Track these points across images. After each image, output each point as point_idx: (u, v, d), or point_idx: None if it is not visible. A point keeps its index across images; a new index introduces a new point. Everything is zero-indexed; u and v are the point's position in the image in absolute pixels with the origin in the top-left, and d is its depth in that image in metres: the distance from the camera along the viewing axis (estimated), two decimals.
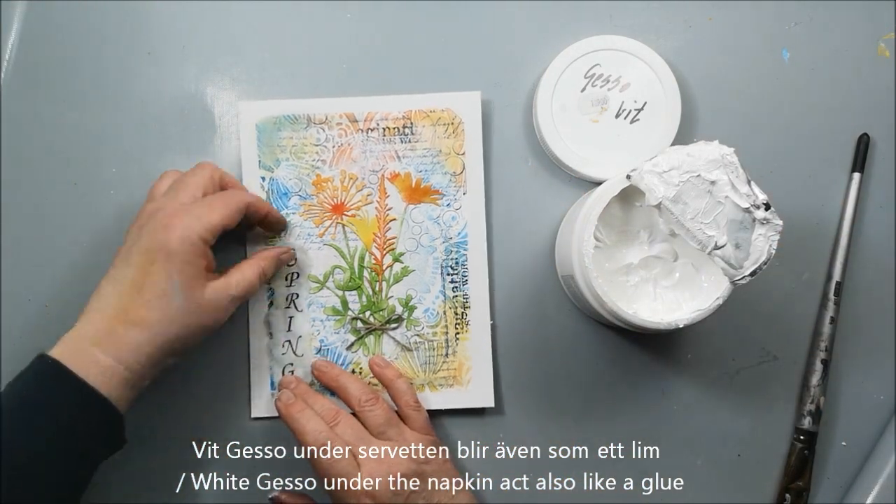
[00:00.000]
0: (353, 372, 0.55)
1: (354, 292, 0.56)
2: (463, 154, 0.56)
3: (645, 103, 0.56)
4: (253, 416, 0.55)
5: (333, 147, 0.56)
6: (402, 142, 0.56)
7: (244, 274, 0.49)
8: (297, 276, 0.55)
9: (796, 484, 0.56)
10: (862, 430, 0.57)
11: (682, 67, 0.57)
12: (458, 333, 0.55)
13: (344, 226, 0.56)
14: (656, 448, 0.57)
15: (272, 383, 0.55)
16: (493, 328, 0.56)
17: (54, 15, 0.56)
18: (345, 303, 0.56)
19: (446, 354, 0.55)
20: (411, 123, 0.56)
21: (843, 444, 0.57)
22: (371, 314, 0.56)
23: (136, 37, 0.56)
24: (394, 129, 0.56)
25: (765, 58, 0.58)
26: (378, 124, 0.56)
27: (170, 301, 0.44)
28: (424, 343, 0.56)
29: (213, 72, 0.57)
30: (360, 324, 0.55)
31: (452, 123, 0.56)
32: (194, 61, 0.56)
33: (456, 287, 0.56)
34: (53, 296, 0.55)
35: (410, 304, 0.56)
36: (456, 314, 0.56)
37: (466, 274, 0.56)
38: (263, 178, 0.55)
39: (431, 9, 0.57)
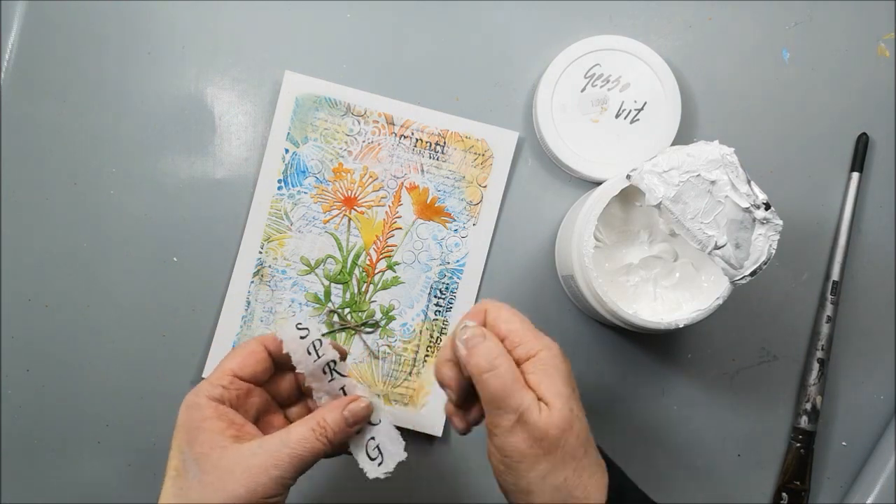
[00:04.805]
0: None
1: (340, 287, 0.56)
2: (485, 187, 0.56)
3: (645, 103, 0.56)
4: (204, 376, 0.55)
5: (364, 142, 0.56)
6: (430, 157, 0.56)
7: (290, 431, 0.39)
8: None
9: (794, 483, 0.56)
10: (862, 430, 0.57)
11: (682, 67, 0.57)
12: (427, 356, 0.56)
13: (350, 219, 0.56)
14: (656, 448, 0.57)
15: None
16: None
17: (54, 15, 0.56)
18: (328, 294, 0.56)
19: (410, 373, 0.56)
20: (444, 142, 0.56)
21: (843, 444, 0.57)
22: (350, 312, 0.56)
23: (136, 37, 0.56)
24: (426, 142, 0.56)
25: (765, 58, 0.58)
26: (413, 133, 0.56)
27: (185, 478, 0.38)
28: (393, 356, 0.56)
29: (213, 72, 0.57)
30: (336, 318, 0.56)
31: (483, 154, 0.56)
32: (194, 61, 0.56)
33: (439, 311, 0.56)
34: (53, 296, 0.55)
35: (390, 314, 0.56)
36: (431, 337, 0.56)
37: (453, 301, 0.56)
38: (287, 151, 0.56)
39: (431, 9, 0.57)
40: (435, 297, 0.56)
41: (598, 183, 0.55)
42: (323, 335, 0.55)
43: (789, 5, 0.58)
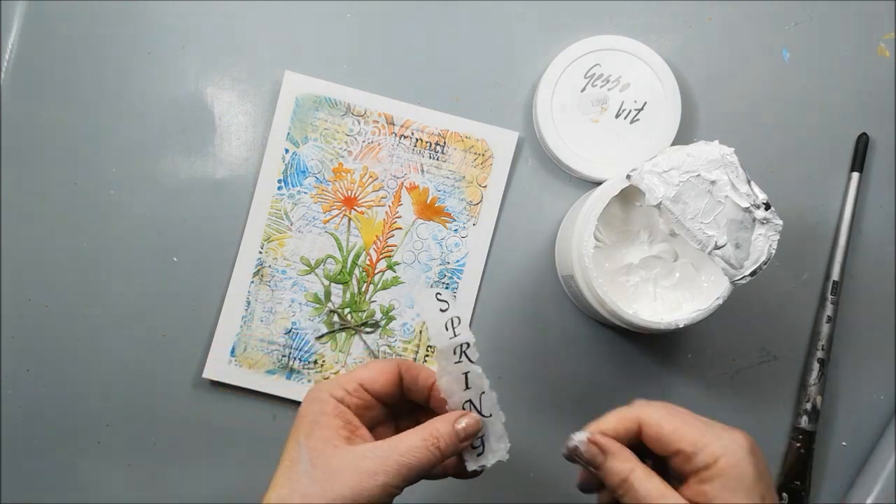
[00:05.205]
0: (315, 363, 0.55)
1: (340, 287, 0.56)
2: (485, 187, 0.56)
3: (645, 103, 0.56)
4: (204, 376, 0.55)
5: (364, 142, 0.56)
6: (430, 157, 0.56)
7: (401, 439, 0.39)
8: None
9: (794, 483, 0.56)
10: (862, 430, 0.57)
11: (682, 67, 0.57)
12: (427, 356, 0.56)
13: (350, 219, 0.56)
14: None
15: (233, 350, 0.55)
16: None
17: (54, 15, 0.56)
18: (328, 294, 0.56)
19: None
20: (444, 142, 0.56)
21: (843, 444, 0.57)
22: (350, 312, 0.56)
23: (136, 37, 0.56)
24: (426, 142, 0.56)
25: (765, 58, 0.58)
26: (413, 133, 0.56)
27: (297, 469, 0.38)
28: (392, 355, 0.56)
29: (213, 72, 0.57)
30: (336, 318, 0.56)
31: (483, 154, 0.56)
32: (194, 61, 0.56)
33: None
34: (53, 296, 0.55)
35: (390, 314, 0.56)
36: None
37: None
38: (287, 151, 0.56)
39: (431, 9, 0.57)
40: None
41: (598, 183, 0.55)
42: (323, 335, 0.55)
43: (789, 5, 0.58)
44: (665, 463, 0.39)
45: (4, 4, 0.56)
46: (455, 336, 0.41)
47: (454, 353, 0.41)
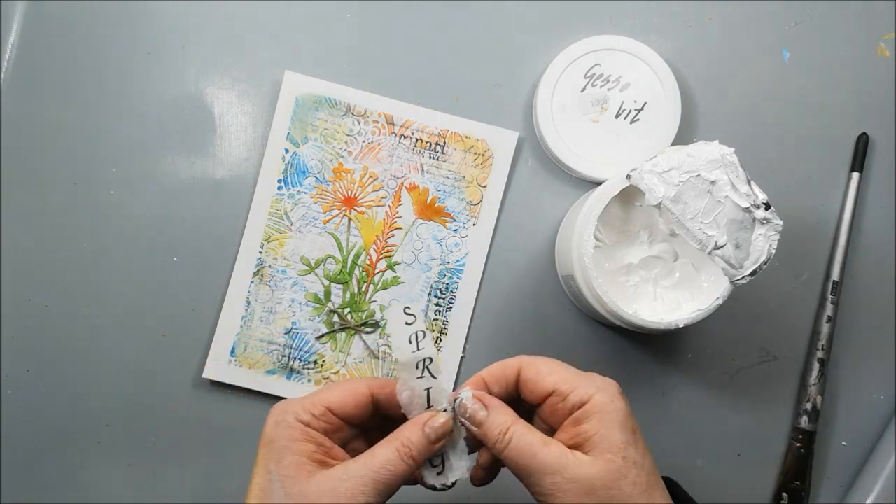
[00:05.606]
0: (315, 363, 0.55)
1: (340, 287, 0.56)
2: (485, 187, 0.56)
3: (645, 103, 0.56)
4: (204, 376, 0.55)
5: (364, 142, 0.56)
6: (430, 157, 0.56)
7: (374, 455, 0.38)
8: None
9: (794, 483, 0.56)
10: (862, 430, 0.57)
11: (682, 67, 0.57)
12: None
13: (350, 219, 0.56)
14: (656, 448, 0.57)
15: (233, 350, 0.55)
16: (462, 360, 0.56)
17: (54, 15, 0.56)
18: (328, 294, 0.56)
19: None
20: (444, 142, 0.56)
21: (843, 444, 0.57)
22: (350, 312, 0.56)
23: (136, 37, 0.56)
24: (426, 142, 0.56)
25: (765, 58, 0.58)
26: (413, 133, 0.56)
27: (270, 500, 0.37)
28: (393, 356, 0.56)
29: (213, 72, 0.57)
30: (336, 318, 0.56)
31: (483, 154, 0.56)
32: (194, 61, 0.56)
33: (439, 311, 0.56)
34: (53, 296, 0.55)
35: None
36: (431, 337, 0.56)
37: (453, 301, 0.56)
38: (287, 151, 0.56)
39: (431, 9, 0.57)
40: (435, 297, 0.56)
41: (598, 183, 0.55)
42: (323, 335, 0.55)
43: (789, 5, 0.58)
44: (536, 418, 0.41)
45: (4, 4, 0.56)
46: (418, 350, 0.40)
47: (416, 367, 0.40)
